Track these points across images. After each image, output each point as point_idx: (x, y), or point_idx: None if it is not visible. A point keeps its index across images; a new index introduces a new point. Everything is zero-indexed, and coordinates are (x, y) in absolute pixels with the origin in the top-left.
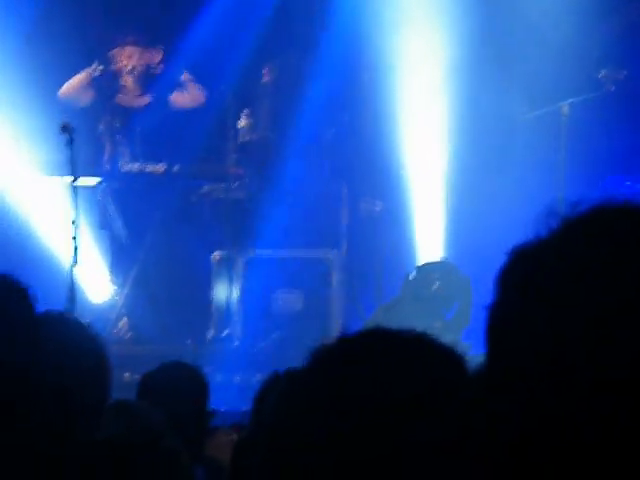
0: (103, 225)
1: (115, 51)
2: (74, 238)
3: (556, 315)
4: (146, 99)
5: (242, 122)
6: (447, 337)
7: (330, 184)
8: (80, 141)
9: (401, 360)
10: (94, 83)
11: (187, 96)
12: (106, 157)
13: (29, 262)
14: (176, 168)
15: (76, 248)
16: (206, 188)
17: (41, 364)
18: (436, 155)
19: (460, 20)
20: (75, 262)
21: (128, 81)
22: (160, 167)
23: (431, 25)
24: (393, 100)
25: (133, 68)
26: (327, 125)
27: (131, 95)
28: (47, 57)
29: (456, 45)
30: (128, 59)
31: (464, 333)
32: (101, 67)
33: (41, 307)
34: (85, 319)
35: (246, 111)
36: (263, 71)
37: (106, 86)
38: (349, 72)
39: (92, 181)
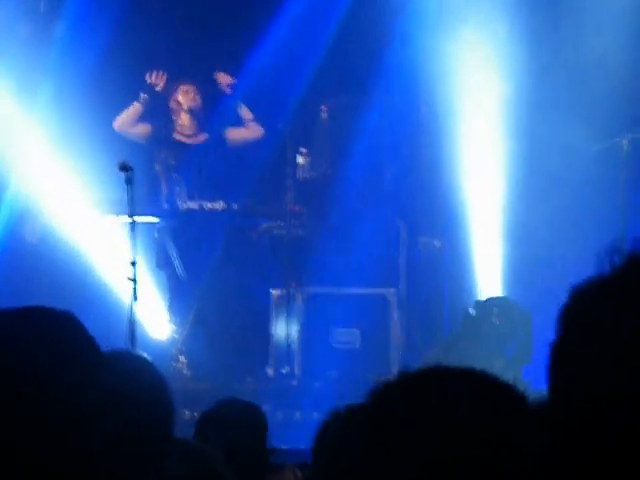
0: (161, 263)
1: (172, 88)
2: (133, 276)
3: (617, 353)
4: (202, 137)
5: (300, 159)
6: (508, 374)
7: (389, 221)
8: (138, 179)
9: (463, 399)
10: (148, 117)
11: (245, 131)
12: (164, 195)
13: (89, 300)
14: (235, 206)
15: (135, 286)
16: (265, 225)
17: (106, 402)
18: (495, 190)
19: (521, 52)
20: (135, 300)
21: (184, 119)
22: (219, 205)
23: (491, 57)
24: (452, 135)
25: (190, 106)
26: (385, 162)
27: (187, 133)
28: (107, 96)
29: (516, 77)
30: (184, 96)
31: (525, 370)
32: (146, 96)
33: (102, 344)
34: (145, 355)
35: (304, 149)
36: (321, 108)
37: (162, 122)
38: (407, 108)
39: (150, 219)
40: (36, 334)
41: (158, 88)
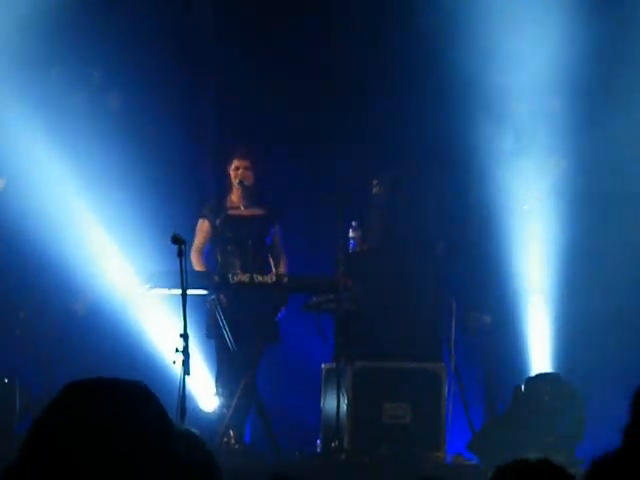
0: (211, 333)
1: (229, 159)
2: (184, 349)
3: None
4: (257, 211)
5: (352, 233)
6: (560, 452)
7: (439, 296)
8: (190, 252)
9: None
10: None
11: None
12: (218, 268)
13: (140, 372)
14: (285, 279)
15: (186, 359)
16: (315, 299)
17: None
18: (546, 267)
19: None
20: (186, 373)
21: (234, 193)
22: (269, 278)
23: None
24: (501, 214)
25: (239, 182)
26: (436, 238)
27: (237, 206)
28: (160, 166)
29: (573, 161)
30: (234, 172)
31: (577, 448)
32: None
33: None
34: (195, 429)
35: (355, 222)
36: (373, 182)
37: (216, 200)
38: (458, 186)
39: (201, 292)
40: (113, 406)
41: None
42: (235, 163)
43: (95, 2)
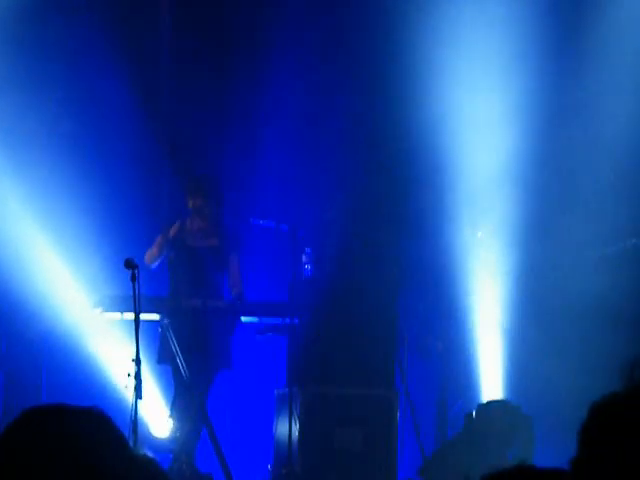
0: (162, 359)
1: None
2: (136, 374)
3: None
4: (210, 240)
5: (304, 258)
6: None
7: (392, 322)
8: (143, 276)
9: None
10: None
11: (232, 279)
12: (169, 292)
13: (92, 396)
14: (238, 304)
15: (138, 384)
16: (267, 324)
17: None
18: (497, 293)
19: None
20: (138, 397)
21: (193, 221)
22: (222, 303)
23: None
24: (454, 241)
25: (194, 214)
26: (392, 261)
27: (196, 235)
28: (112, 190)
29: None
30: (190, 207)
31: None
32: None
33: None
34: (148, 453)
35: (309, 249)
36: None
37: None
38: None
39: (154, 316)
40: (68, 429)
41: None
42: (190, 200)
43: (49, 27)
